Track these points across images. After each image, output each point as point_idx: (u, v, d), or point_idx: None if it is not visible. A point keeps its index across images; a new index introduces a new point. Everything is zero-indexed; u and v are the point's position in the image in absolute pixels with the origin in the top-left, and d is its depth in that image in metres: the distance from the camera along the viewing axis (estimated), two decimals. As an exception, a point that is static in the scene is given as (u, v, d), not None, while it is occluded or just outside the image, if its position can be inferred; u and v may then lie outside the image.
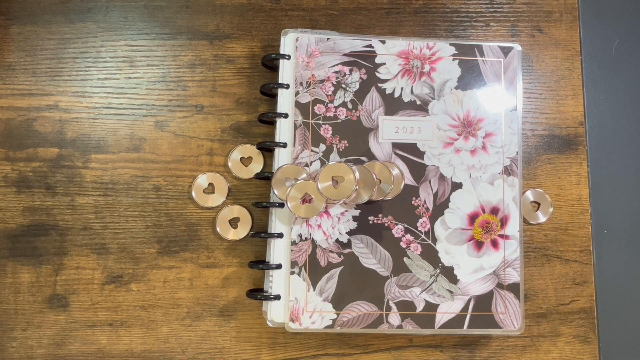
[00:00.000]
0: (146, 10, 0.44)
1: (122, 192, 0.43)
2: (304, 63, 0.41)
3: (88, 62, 0.44)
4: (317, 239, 0.40)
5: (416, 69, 0.42)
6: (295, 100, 0.41)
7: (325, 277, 0.40)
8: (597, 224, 0.45)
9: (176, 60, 0.44)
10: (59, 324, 0.42)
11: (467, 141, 0.42)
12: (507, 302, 0.41)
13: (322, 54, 0.41)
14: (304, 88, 0.41)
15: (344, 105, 0.41)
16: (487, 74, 0.42)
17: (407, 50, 0.42)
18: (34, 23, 0.44)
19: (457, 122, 0.42)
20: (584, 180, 0.45)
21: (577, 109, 0.46)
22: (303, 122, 0.41)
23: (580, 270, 0.45)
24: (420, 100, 0.42)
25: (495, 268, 0.41)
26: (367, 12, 0.45)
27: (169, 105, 0.44)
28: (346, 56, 0.41)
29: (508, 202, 0.42)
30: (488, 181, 0.42)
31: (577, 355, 0.44)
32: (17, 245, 0.42)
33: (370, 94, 0.41)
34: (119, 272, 0.42)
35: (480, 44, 0.43)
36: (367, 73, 0.41)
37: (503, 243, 0.41)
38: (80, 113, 0.43)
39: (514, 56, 0.43)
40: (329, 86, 0.41)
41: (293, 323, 0.39)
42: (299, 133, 0.41)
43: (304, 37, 0.41)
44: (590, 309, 0.44)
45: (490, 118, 0.42)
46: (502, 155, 0.42)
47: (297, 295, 0.40)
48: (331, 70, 0.41)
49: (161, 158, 0.43)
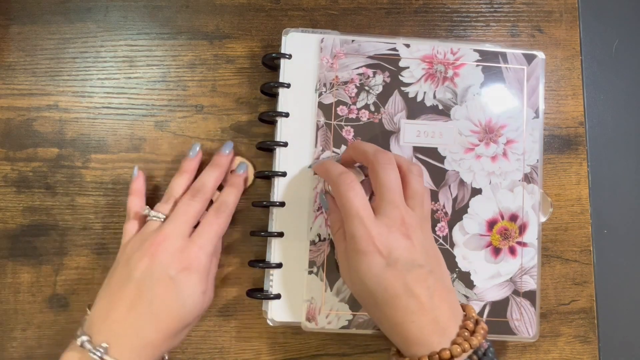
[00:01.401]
0: (146, 10, 0.44)
1: (122, 192, 0.43)
2: (328, 64, 0.41)
3: (88, 62, 0.44)
4: None
5: (439, 74, 0.42)
6: (319, 101, 0.41)
7: None
8: (597, 224, 0.45)
9: (176, 60, 0.44)
10: (59, 324, 0.42)
11: (488, 147, 0.42)
12: (522, 309, 0.41)
13: (346, 55, 0.41)
14: (327, 89, 0.41)
15: (367, 108, 0.41)
16: (510, 81, 0.42)
17: (431, 54, 0.42)
18: (33, 23, 0.44)
19: (478, 128, 0.42)
20: (584, 180, 0.45)
21: (577, 109, 0.46)
22: (325, 123, 0.41)
23: (580, 270, 0.45)
24: (443, 105, 0.42)
25: (512, 275, 0.41)
26: (367, 12, 0.45)
27: (169, 105, 0.44)
28: (370, 59, 0.41)
29: (527, 209, 0.42)
30: (508, 188, 0.41)
31: (577, 355, 0.44)
32: (17, 245, 0.42)
33: (393, 97, 0.41)
34: (119, 272, 0.42)
35: (504, 51, 0.42)
36: (390, 76, 0.41)
37: (521, 250, 0.41)
38: (80, 113, 0.43)
39: (538, 64, 0.43)
40: (352, 88, 0.41)
41: (309, 322, 0.40)
42: (321, 134, 0.41)
43: (329, 38, 0.41)
44: (590, 309, 0.44)
45: (511, 125, 0.42)
46: (523, 162, 0.42)
47: (314, 295, 0.40)
48: (355, 72, 0.41)
49: (161, 158, 0.43)
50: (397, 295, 0.32)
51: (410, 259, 0.33)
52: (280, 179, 0.41)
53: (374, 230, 0.33)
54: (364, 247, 0.33)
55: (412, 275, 0.33)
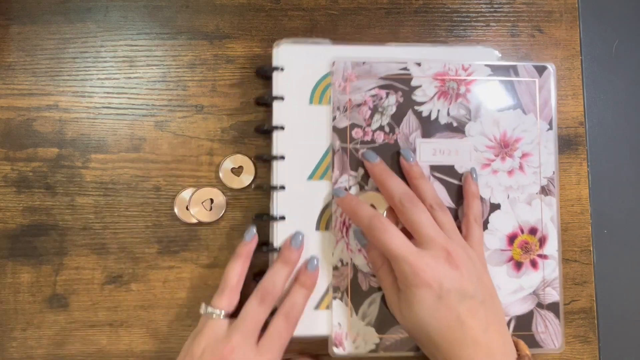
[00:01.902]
0: (146, 10, 0.44)
1: (122, 192, 0.43)
2: (340, 88, 0.41)
3: (88, 62, 0.44)
4: (358, 264, 0.40)
5: (452, 91, 0.41)
6: (333, 125, 0.41)
7: (367, 301, 0.40)
8: (597, 224, 0.45)
9: (176, 60, 0.44)
10: (59, 324, 0.42)
11: (504, 162, 0.41)
12: (547, 321, 0.41)
13: (358, 78, 0.41)
14: (341, 112, 0.41)
15: (381, 129, 0.41)
16: (522, 94, 0.42)
17: (442, 71, 0.42)
18: (33, 23, 0.44)
19: (493, 143, 0.42)
20: (584, 180, 0.45)
21: (577, 109, 0.46)
22: (341, 147, 0.41)
23: (580, 270, 0.45)
24: (457, 122, 0.41)
25: (535, 288, 0.41)
26: (367, 12, 0.45)
27: (169, 105, 0.44)
28: (382, 79, 0.41)
29: (546, 221, 0.42)
30: (526, 201, 0.41)
31: (577, 355, 0.44)
32: (17, 245, 0.42)
33: (407, 117, 0.41)
34: (119, 272, 0.42)
35: (515, 64, 0.42)
36: (403, 96, 0.41)
37: (542, 263, 0.42)
38: (80, 113, 0.43)
39: (549, 76, 0.42)
40: (365, 110, 0.41)
41: (337, 348, 0.39)
42: (337, 158, 0.40)
43: (340, 61, 0.41)
44: (590, 309, 0.44)
45: (526, 138, 0.42)
46: (539, 175, 0.42)
47: (340, 320, 0.40)
48: (368, 94, 0.41)
49: (161, 158, 0.43)
50: (450, 328, 0.32)
51: (461, 289, 0.33)
52: (280, 192, 0.40)
53: (421, 264, 0.33)
54: (415, 282, 0.33)
55: (464, 306, 0.33)
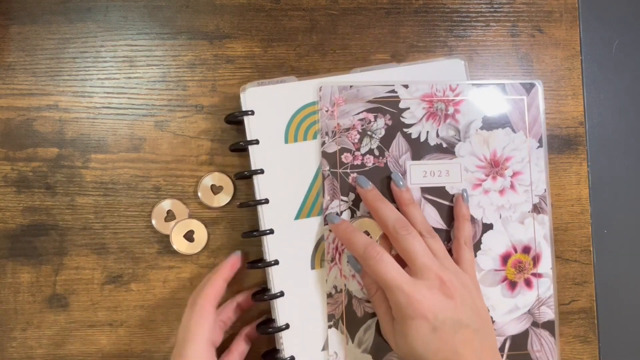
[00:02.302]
0: (146, 10, 0.44)
1: (122, 192, 0.43)
2: (328, 113, 0.40)
3: (88, 62, 0.44)
4: (352, 290, 0.40)
5: (440, 112, 0.41)
6: (322, 150, 0.40)
7: (362, 327, 0.39)
8: (597, 224, 0.45)
9: (176, 60, 0.44)
10: (59, 324, 0.42)
11: (495, 181, 0.41)
12: (542, 340, 0.41)
13: (345, 102, 0.40)
14: (330, 137, 0.40)
15: (371, 153, 0.40)
16: (510, 113, 0.42)
17: (430, 93, 0.41)
18: (33, 23, 0.44)
19: (484, 162, 0.41)
20: (584, 180, 0.45)
21: (577, 109, 0.46)
22: (331, 172, 0.40)
23: (580, 270, 0.45)
24: (447, 143, 0.41)
25: (530, 307, 0.41)
26: (367, 12, 0.45)
27: (169, 105, 0.44)
28: (370, 103, 0.41)
29: (539, 240, 0.41)
30: (518, 220, 0.41)
31: (577, 355, 0.44)
32: (17, 245, 0.42)
33: (397, 140, 0.41)
34: (119, 272, 0.42)
35: (503, 83, 0.42)
36: (392, 119, 0.41)
37: (536, 282, 0.41)
38: (80, 113, 0.43)
39: (537, 93, 0.42)
40: (354, 134, 0.40)
41: None
42: (328, 183, 0.40)
43: (327, 86, 0.40)
44: (590, 309, 0.44)
45: (516, 157, 0.41)
46: (531, 193, 0.41)
47: (336, 349, 0.39)
48: (356, 118, 0.40)
49: (161, 158, 0.43)
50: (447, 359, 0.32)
51: (456, 319, 0.33)
52: (269, 237, 0.40)
53: (417, 295, 0.33)
54: (410, 313, 0.33)
55: (459, 337, 0.33)
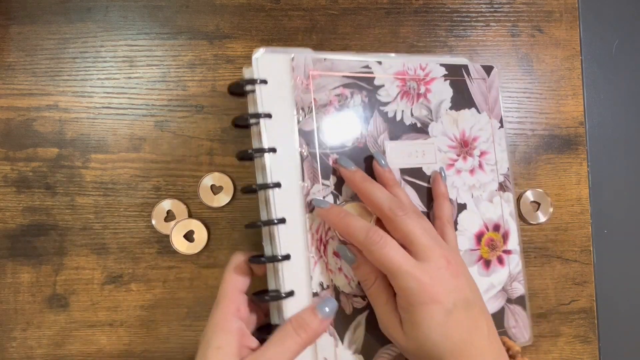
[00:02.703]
0: (146, 10, 0.44)
1: (122, 192, 0.43)
2: (303, 85, 0.36)
3: (88, 62, 0.44)
4: (340, 285, 0.36)
5: (413, 91, 0.40)
6: (299, 128, 0.35)
7: (352, 326, 0.36)
8: (597, 224, 0.45)
9: (176, 60, 0.44)
10: (59, 324, 0.42)
11: (466, 161, 0.41)
12: (516, 315, 0.41)
13: (321, 75, 0.37)
14: (306, 114, 0.36)
15: None
16: (475, 93, 0.42)
17: (402, 70, 0.40)
18: (33, 23, 0.44)
19: (454, 142, 0.41)
20: (584, 180, 0.45)
21: (577, 109, 0.46)
22: (310, 153, 0.36)
23: (580, 270, 0.45)
24: (421, 123, 0.40)
25: (504, 284, 0.41)
26: (367, 12, 0.45)
27: (169, 105, 0.44)
28: (346, 78, 0.38)
29: (506, 217, 0.42)
30: (488, 199, 0.41)
31: (577, 355, 0.44)
32: (17, 245, 0.42)
33: (374, 118, 0.38)
34: (119, 272, 0.42)
35: (466, 64, 0.42)
36: (367, 95, 0.38)
37: (507, 258, 0.42)
38: (80, 113, 0.43)
39: (495, 75, 0.43)
40: (332, 111, 0.37)
41: None
42: (307, 165, 0.35)
43: (300, 56, 0.36)
44: (590, 309, 0.44)
45: (482, 137, 0.42)
46: (497, 172, 0.42)
47: (326, 354, 0.34)
48: (332, 92, 0.37)
49: (161, 158, 0.43)
50: (462, 342, 0.31)
51: (464, 299, 0.32)
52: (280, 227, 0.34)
53: (426, 279, 0.31)
54: (422, 299, 0.31)
55: (470, 316, 0.32)
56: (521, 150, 0.46)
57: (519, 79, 0.46)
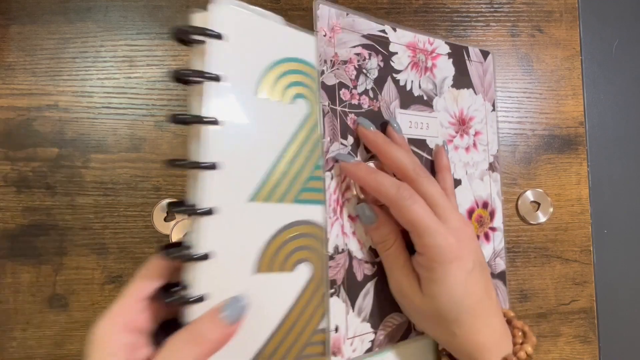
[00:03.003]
0: (146, 9, 0.44)
1: (122, 192, 0.43)
2: (327, 38, 0.35)
3: (88, 61, 0.44)
4: (353, 249, 0.35)
5: (422, 63, 0.41)
6: (322, 81, 0.34)
7: (362, 292, 0.35)
8: (597, 224, 0.45)
9: (176, 60, 0.44)
10: (58, 324, 0.42)
11: (463, 139, 0.42)
12: (498, 289, 0.43)
13: (343, 30, 0.36)
14: (328, 67, 0.35)
15: (366, 94, 0.37)
16: (473, 75, 0.44)
17: (413, 41, 0.40)
18: (33, 23, 0.44)
19: (454, 119, 0.42)
20: (584, 180, 0.45)
21: (577, 109, 0.46)
22: (331, 109, 0.35)
23: (580, 270, 0.45)
24: (427, 96, 0.41)
25: (488, 259, 0.43)
26: (367, 12, 0.45)
27: (169, 105, 0.44)
28: (364, 38, 0.37)
29: (494, 196, 0.44)
30: (479, 177, 0.43)
31: (577, 355, 0.44)
32: (17, 245, 0.42)
33: (388, 84, 0.38)
34: (119, 272, 0.42)
35: (467, 46, 0.43)
36: (383, 60, 0.38)
37: (493, 235, 0.43)
38: (80, 113, 0.43)
39: (490, 61, 0.44)
40: (351, 69, 0.36)
41: (335, 356, 0.33)
42: (328, 121, 0.34)
43: (325, 6, 0.35)
44: (590, 309, 0.44)
45: (477, 117, 0.43)
46: (488, 152, 0.44)
47: (338, 321, 0.33)
48: (352, 51, 0.37)
49: (161, 158, 0.43)
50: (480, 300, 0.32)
51: (480, 260, 0.34)
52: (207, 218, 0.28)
53: (451, 238, 0.32)
54: (448, 257, 0.32)
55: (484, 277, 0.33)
56: (521, 150, 0.46)
57: (519, 79, 0.46)
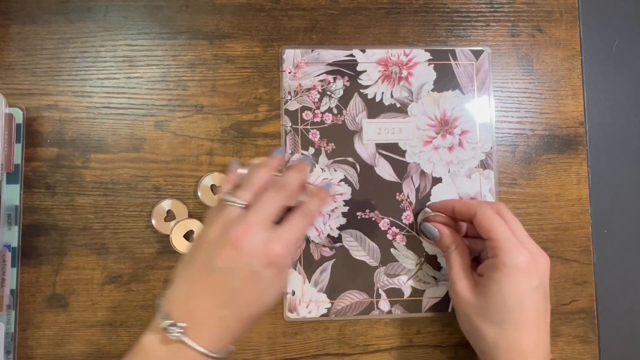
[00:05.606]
0: (146, 9, 0.44)
1: (122, 192, 0.43)
2: (291, 74, 0.44)
3: (88, 61, 0.44)
4: (310, 235, 0.43)
5: (395, 75, 0.45)
6: (285, 108, 0.44)
7: (319, 269, 0.43)
8: (597, 224, 0.45)
9: (176, 60, 0.44)
10: (58, 324, 0.42)
11: (445, 139, 0.45)
12: None
13: (307, 64, 0.44)
14: (292, 97, 0.44)
15: (330, 111, 0.44)
16: (460, 76, 0.45)
17: (385, 57, 0.45)
18: (33, 23, 0.44)
19: (434, 121, 0.45)
20: (584, 180, 0.45)
21: (577, 109, 0.46)
22: (292, 128, 0.44)
23: (580, 270, 0.45)
24: (400, 103, 0.45)
25: None
26: (367, 12, 0.45)
27: (169, 105, 0.44)
28: (330, 65, 0.44)
29: (485, 192, 0.45)
30: (466, 175, 0.45)
31: (577, 355, 0.44)
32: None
33: (354, 99, 0.44)
34: (119, 272, 0.42)
35: (453, 49, 0.45)
36: (349, 80, 0.44)
37: None
38: (79, 113, 0.43)
39: (485, 58, 0.46)
40: (315, 94, 0.44)
41: (291, 313, 0.43)
42: (289, 138, 0.44)
43: (290, 50, 0.44)
44: (590, 309, 0.44)
45: (465, 117, 0.45)
46: (478, 150, 0.45)
47: (294, 287, 0.43)
48: (317, 79, 0.44)
49: (161, 158, 0.43)
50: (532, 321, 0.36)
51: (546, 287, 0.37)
52: None
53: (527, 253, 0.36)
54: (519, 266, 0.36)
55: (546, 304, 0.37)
56: (521, 150, 0.46)
57: (519, 79, 0.46)
